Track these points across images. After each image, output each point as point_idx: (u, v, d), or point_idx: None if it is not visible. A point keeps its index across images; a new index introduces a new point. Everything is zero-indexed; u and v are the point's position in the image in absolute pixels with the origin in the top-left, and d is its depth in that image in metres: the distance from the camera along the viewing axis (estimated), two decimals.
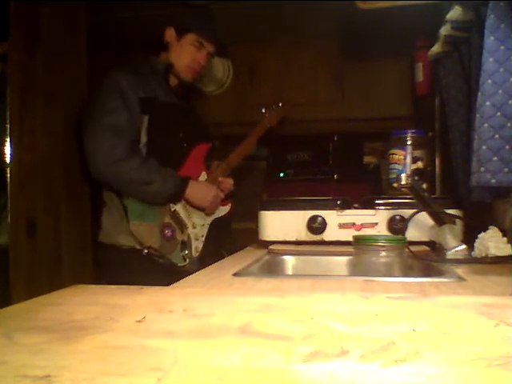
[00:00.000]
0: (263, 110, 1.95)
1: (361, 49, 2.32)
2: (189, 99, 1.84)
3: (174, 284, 0.87)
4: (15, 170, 1.52)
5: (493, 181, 1.03)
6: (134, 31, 2.22)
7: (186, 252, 1.66)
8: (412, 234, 1.26)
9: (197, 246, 1.70)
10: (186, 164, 1.70)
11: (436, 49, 1.49)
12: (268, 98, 2.48)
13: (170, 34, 1.71)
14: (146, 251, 1.59)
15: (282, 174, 2.43)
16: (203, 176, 1.74)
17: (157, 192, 1.58)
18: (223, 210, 1.78)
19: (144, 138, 1.61)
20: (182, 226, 1.67)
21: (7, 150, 1.51)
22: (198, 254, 1.69)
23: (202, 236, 1.72)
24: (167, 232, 1.63)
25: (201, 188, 1.68)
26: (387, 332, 0.50)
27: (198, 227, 1.71)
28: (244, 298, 0.70)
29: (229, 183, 1.78)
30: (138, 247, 1.60)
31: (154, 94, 1.65)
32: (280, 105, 1.99)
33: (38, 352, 0.44)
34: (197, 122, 1.81)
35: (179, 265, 1.64)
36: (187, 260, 1.65)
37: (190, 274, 1.45)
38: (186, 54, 1.70)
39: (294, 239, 1.41)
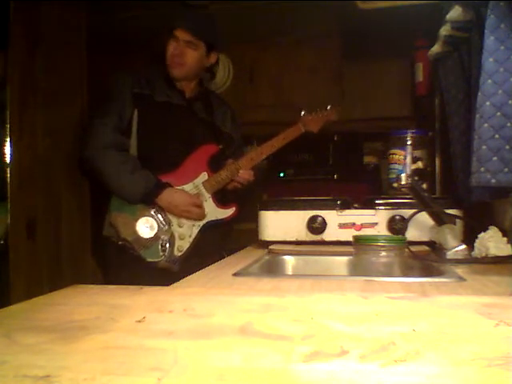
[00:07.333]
0: (302, 113, 1.78)
1: (361, 49, 2.31)
2: (206, 101, 1.82)
3: (174, 284, 0.87)
4: (15, 169, 1.52)
5: (493, 181, 1.03)
6: (133, 31, 2.22)
7: (166, 249, 1.63)
8: (412, 233, 1.26)
9: (180, 245, 1.66)
10: (184, 163, 1.71)
11: (436, 49, 1.49)
12: (268, 99, 2.49)
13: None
14: (120, 243, 1.63)
15: (282, 174, 2.43)
16: (203, 176, 1.72)
17: (128, 192, 1.63)
18: (223, 214, 1.74)
19: (135, 131, 1.68)
20: (166, 223, 1.65)
21: (7, 149, 1.51)
22: (180, 253, 1.65)
23: (190, 236, 1.67)
24: (145, 226, 1.63)
25: (176, 197, 1.65)
26: (387, 332, 0.50)
27: (185, 226, 1.67)
28: (244, 298, 0.70)
29: (247, 174, 1.73)
30: (113, 239, 1.64)
31: (152, 92, 1.70)
32: (328, 108, 1.82)
33: (38, 352, 0.44)
34: (208, 124, 1.79)
35: (148, 260, 1.61)
36: (162, 257, 1.62)
37: (168, 273, 1.54)
38: (167, 53, 1.71)
39: (294, 239, 1.41)
